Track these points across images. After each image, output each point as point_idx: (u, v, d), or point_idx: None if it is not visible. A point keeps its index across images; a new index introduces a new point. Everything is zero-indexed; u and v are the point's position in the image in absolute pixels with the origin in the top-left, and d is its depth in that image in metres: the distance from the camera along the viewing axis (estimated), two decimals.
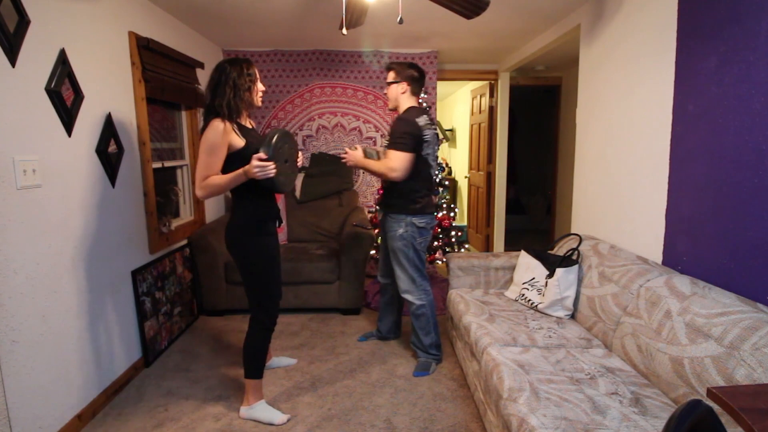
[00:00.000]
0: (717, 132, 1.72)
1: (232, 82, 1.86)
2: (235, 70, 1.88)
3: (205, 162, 1.82)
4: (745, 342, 1.33)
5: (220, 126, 1.82)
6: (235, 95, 1.87)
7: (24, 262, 1.71)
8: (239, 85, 1.87)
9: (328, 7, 2.82)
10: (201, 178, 1.83)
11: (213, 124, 1.83)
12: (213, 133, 1.82)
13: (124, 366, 2.37)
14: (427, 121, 2.40)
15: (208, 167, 1.83)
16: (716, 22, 1.72)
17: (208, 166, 1.83)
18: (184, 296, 3.05)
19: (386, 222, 2.50)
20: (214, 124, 1.83)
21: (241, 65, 1.90)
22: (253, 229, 1.97)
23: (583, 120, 2.91)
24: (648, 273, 1.90)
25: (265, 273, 2.00)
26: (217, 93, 1.87)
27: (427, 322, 2.47)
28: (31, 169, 1.74)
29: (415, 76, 2.42)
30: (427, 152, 2.40)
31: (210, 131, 1.83)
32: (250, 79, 1.91)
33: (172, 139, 3.21)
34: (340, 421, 2.05)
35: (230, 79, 1.86)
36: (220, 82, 1.87)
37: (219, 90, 1.87)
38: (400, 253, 2.42)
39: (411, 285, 2.45)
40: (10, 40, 1.65)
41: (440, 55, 4.27)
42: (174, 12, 2.93)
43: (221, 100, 1.85)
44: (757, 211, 1.54)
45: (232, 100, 1.86)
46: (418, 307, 2.45)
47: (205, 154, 1.82)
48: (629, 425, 1.38)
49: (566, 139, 4.80)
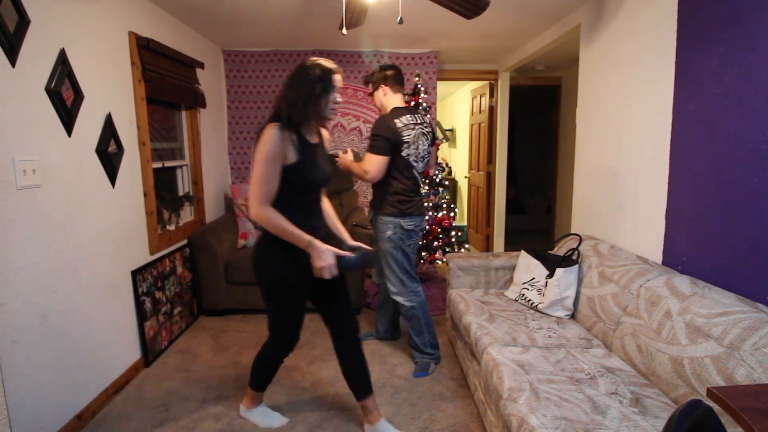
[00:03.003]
0: (717, 132, 1.72)
1: (304, 85, 1.65)
2: (310, 73, 1.66)
3: (263, 174, 1.60)
4: (745, 342, 1.33)
5: (276, 133, 1.60)
6: (303, 102, 1.64)
7: (24, 262, 1.71)
8: (309, 91, 1.65)
9: (328, 7, 2.82)
10: (261, 194, 1.60)
11: (269, 130, 1.61)
12: (269, 140, 1.59)
13: (124, 366, 2.37)
14: (410, 120, 2.36)
15: (268, 180, 1.61)
16: (716, 22, 1.72)
17: (266, 179, 1.60)
18: (184, 296, 3.05)
19: (376, 224, 2.48)
20: (270, 131, 1.60)
21: (320, 68, 1.67)
22: (279, 250, 1.71)
23: (583, 120, 2.91)
24: (648, 273, 1.90)
25: (282, 303, 1.80)
26: (286, 95, 1.67)
27: (419, 322, 2.47)
28: (31, 169, 1.74)
29: (387, 75, 2.40)
30: (408, 153, 2.35)
31: (266, 138, 1.60)
32: (323, 86, 1.66)
33: (172, 139, 3.21)
34: (340, 421, 2.05)
35: (302, 82, 1.65)
36: (292, 84, 1.67)
37: (288, 92, 1.66)
38: (389, 255, 2.41)
39: (401, 287, 2.44)
40: (10, 40, 1.65)
41: (440, 55, 4.27)
42: (174, 12, 2.93)
43: (283, 104, 1.65)
44: (757, 211, 1.54)
45: (296, 106, 1.64)
46: (408, 308, 2.44)
47: (263, 165, 1.60)
48: (629, 425, 1.38)
49: (566, 139, 4.80)
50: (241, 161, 4.25)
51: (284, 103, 1.65)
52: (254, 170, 1.61)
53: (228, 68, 4.13)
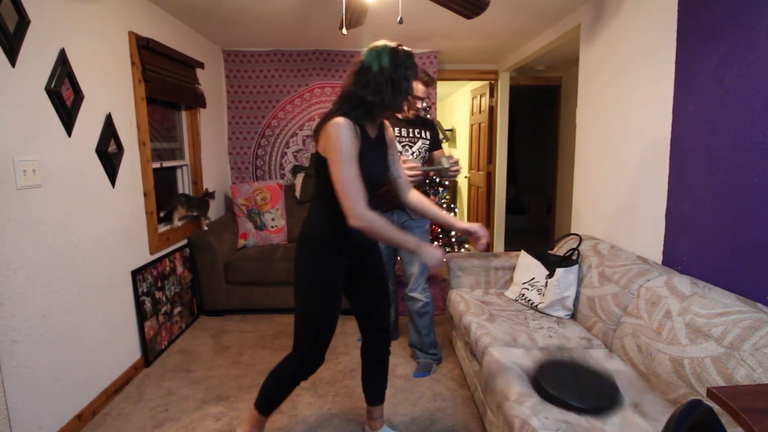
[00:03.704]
0: (717, 132, 1.72)
1: (395, 72, 1.46)
2: (400, 58, 1.47)
3: (349, 173, 1.40)
4: (745, 342, 1.33)
5: (347, 126, 1.42)
6: (393, 90, 1.47)
7: (24, 262, 1.71)
8: (400, 79, 1.47)
9: (328, 7, 2.82)
10: (355, 196, 1.40)
11: (338, 124, 1.41)
12: (344, 135, 1.40)
13: (124, 366, 2.37)
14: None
15: (356, 179, 1.41)
16: (716, 22, 1.72)
17: (354, 178, 1.41)
18: (184, 296, 3.05)
19: (418, 219, 2.43)
20: (340, 125, 1.41)
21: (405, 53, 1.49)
22: (319, 246, 1.58)
23: (583, 120, 2.91)
24: (648, 273, 1.90)
25: (315, 306, 1.61)
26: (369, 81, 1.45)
27: (430, 320, 2.49)
28: (31, 169, 1.74)
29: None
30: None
31: (338, 134, 1.40)
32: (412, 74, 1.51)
33: (172, 139, 3.21)
34: (340, 421, 2.05)
35: (393, 68, 1.46)
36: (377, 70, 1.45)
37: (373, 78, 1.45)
38: None
39: (423, 282, 2.46)
40: (10, 40, 1.65)
41: (440, 55, 4.27)
42: (174, 12, 2.93)
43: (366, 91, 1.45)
44: (757, 211, 1.54)
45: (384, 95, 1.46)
46: (424, 305, 2.45)
47: (346, 164, 1.40)
48: (629, 426, 1.38)
49: (566, 139, 4.80)
50: (240, 161, 4.24)
51: (363, 89, 1.45)
52: (337, 172, 1.40)
53: (228, 68, 4.13)
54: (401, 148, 2.42)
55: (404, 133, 2.43)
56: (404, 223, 2.44)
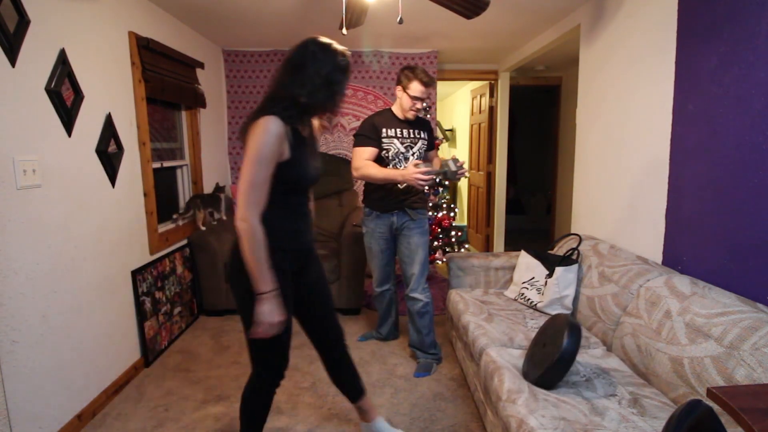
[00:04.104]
0: (717, 132, 1.72)
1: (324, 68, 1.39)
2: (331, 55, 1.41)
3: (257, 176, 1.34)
4: (745, 342, 1.33)
5: (276, 127, 1.33)
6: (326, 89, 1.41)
7: (24, 262, 1.71)
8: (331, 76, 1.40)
9: (328, 7, 2.82)
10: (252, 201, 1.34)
11: (266, 124, 1.33)
12: (267, 137, 1.32)
13: (124, 366, 2.37)
14: None
15: (261, 184, 1.35)
16: (716, 22, 1.72)
17: (260, 183, 1.35)
18: (184, 296, 3.05)
19: (416, 220, 2.43)
20: (268, 125, 1.32)
21: (336, 50, 1.43)
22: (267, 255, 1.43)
23: (583, 120, 2.91)
24: (648, 273, 1.90)
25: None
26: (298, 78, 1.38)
27: (431, 320, 2.49)
28: (31, 169, 1.74)
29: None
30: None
31: (262, 134, 1.32)
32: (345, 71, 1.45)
33: (172, 139, 3.21)
34: (340, 421, 2.05)
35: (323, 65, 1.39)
36: (306, 65, 1.39)
37: (302, 75, 1.38)
38: (423, 249, 2.44)
39: (423, 282, 2.46)
40: (10, 40, 1.65)
41: (440, 55, 4.27)
42: (174, 12, 2.93)
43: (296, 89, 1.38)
44: (757, 211, 1.54)
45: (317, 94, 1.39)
46: (425, 305, 2.45)
47: (257, 166, 1.33)
48: (628, 426, 1.38)
49: (566, 139, 4.80)
50: (241, 161, 4.24)
51: (298, 88, 1.38)
52: (245, 171, 1.34)
53: (228, 68, 4.13)
54: (403, 149, 2.42)
55: (405, 133, 2.43)
56: (404, 224, 2.44)
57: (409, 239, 2.44)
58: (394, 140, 2.41)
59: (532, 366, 1.65)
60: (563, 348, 1.53)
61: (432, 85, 2.38)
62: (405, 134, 2.43)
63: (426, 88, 2.33)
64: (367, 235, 2.56)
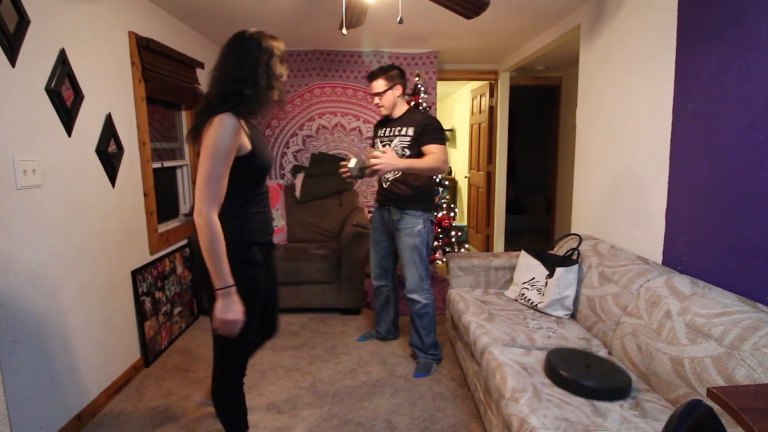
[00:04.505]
0: (717, 132, 1.72)
1: (260, 60, 1.40)
2: (262, 45, 1.42)
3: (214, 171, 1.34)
4: (745, 342, 1.33)
5: (231, 123, 1.34)
6: (266, 81, 1.42)
7: (24, 262, 1.71)
8: (268, 67, 1.42)
9: (328, 7, 2.82)
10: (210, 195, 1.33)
11: (221, 120, 1.33)
12: (223, 133, 1.33)
13: (124, 366, 2.37)
14: None
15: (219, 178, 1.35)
16: (716, 22, 1.72)
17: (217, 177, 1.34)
18: (184, 296, 3.05)
19: (401, 220, 2.44)
20: (223, 121, 1.33)
21: (266, 37, 1.44)
22: (240, 249, 1.45)
23: (583, 120, 2.91)
24: (648, 273, 1.90)
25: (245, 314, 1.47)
26: (237, 73, 1.39)
27: (430, 321, 2.49)
28: (31, 169, 1.74)
29: (403, 74, 2.47)
30: None
31: (218, 130, 1.33)
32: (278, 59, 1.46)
33: (172, 139, 3.21)
34: (340, 421, 2.05)
35: (258, 57, 1.41)
36: (244, 59, 1.39)
37: (241, 70, 1.39)
38: (416, 250, 2.42)
39: (419, 283, 2.45)
40: (10, 40, 1.65)
41: (440, 55, 4.27)
42: (174, 12, 2.93)
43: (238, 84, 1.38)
44: (757, 211, 1.54)
45: (258, 86, 1.40)
46: (423, 306, 2.45)
47: (213, 161, 1.33)
48: (629, 427, 1.38)
49: (566, 139, 4.80)
50: None
51: (239, 83, 1.38)
52: (202, 166, 1.33)
53: None
54: (381, 146, 2.47)
55: (388, 132, 2.50)
56: (394, 223, 2.46)
57: (399, 240, 2.47)
58: (378, 139, 2.55)
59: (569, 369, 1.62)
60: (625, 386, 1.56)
61: (373, 79, 2.43)
62: (387, 132, 2.50)
63: (369, 83, 2.45)
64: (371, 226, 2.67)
